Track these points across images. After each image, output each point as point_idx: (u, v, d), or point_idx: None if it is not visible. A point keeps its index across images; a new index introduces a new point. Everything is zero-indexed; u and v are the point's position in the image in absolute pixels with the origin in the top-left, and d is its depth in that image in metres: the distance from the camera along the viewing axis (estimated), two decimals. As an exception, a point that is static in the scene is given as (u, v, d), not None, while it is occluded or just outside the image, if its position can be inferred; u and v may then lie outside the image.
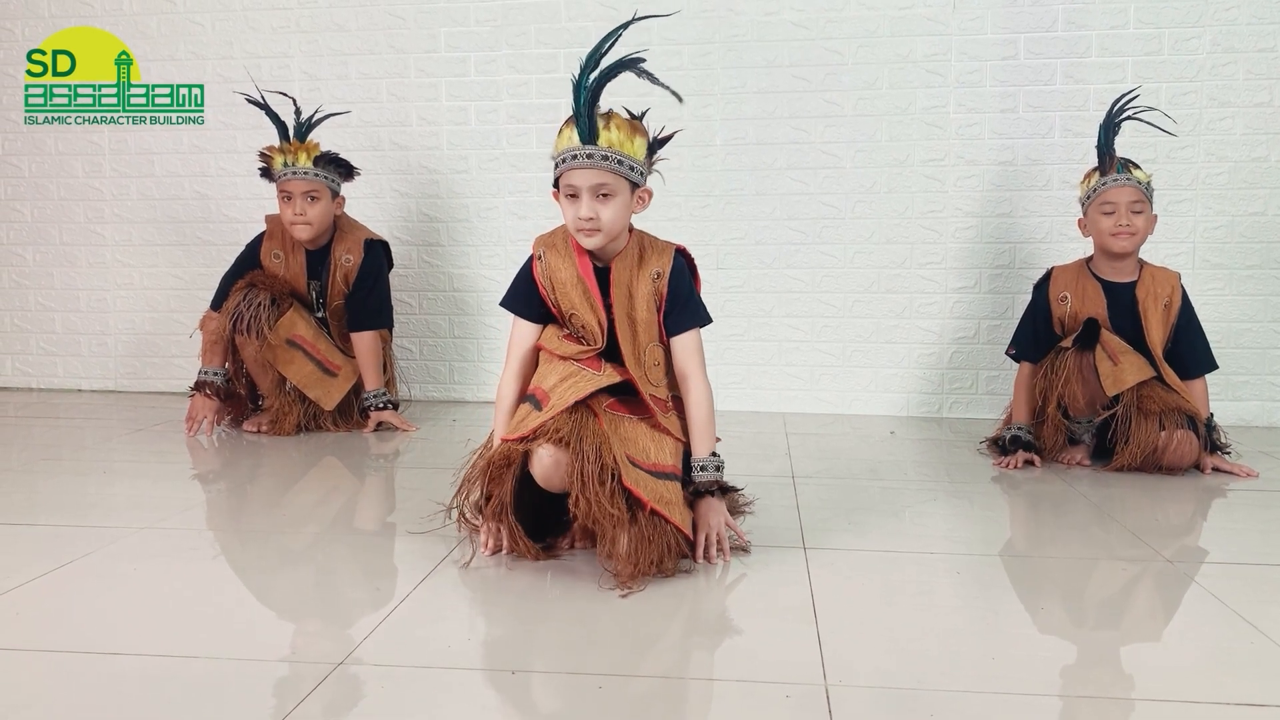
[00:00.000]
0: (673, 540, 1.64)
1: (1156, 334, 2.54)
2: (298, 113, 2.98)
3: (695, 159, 3.30)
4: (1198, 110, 3.10)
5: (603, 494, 1.57)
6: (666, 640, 1.42)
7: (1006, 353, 2.79)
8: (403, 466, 2.61)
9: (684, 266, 1.84)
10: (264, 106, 2.97)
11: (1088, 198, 2.63)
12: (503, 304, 1.88)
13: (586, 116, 1.69)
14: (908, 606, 1.56)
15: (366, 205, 3.42)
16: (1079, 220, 2.69)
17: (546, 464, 1.62)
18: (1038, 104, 3.19)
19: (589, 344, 1.77)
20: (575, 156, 1.69)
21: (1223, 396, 2.73)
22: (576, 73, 1.69)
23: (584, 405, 1.67)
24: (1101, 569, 1.76)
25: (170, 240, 3.65)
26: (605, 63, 1.71)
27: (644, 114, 1.78)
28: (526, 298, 1.84)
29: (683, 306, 1.81)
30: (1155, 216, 2.60)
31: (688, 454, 1.79)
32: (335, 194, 2.98)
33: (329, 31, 3.49)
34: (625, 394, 1.75)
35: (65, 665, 1.30)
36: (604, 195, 1.70)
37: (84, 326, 3.73)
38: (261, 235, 3.04)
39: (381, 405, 3.00)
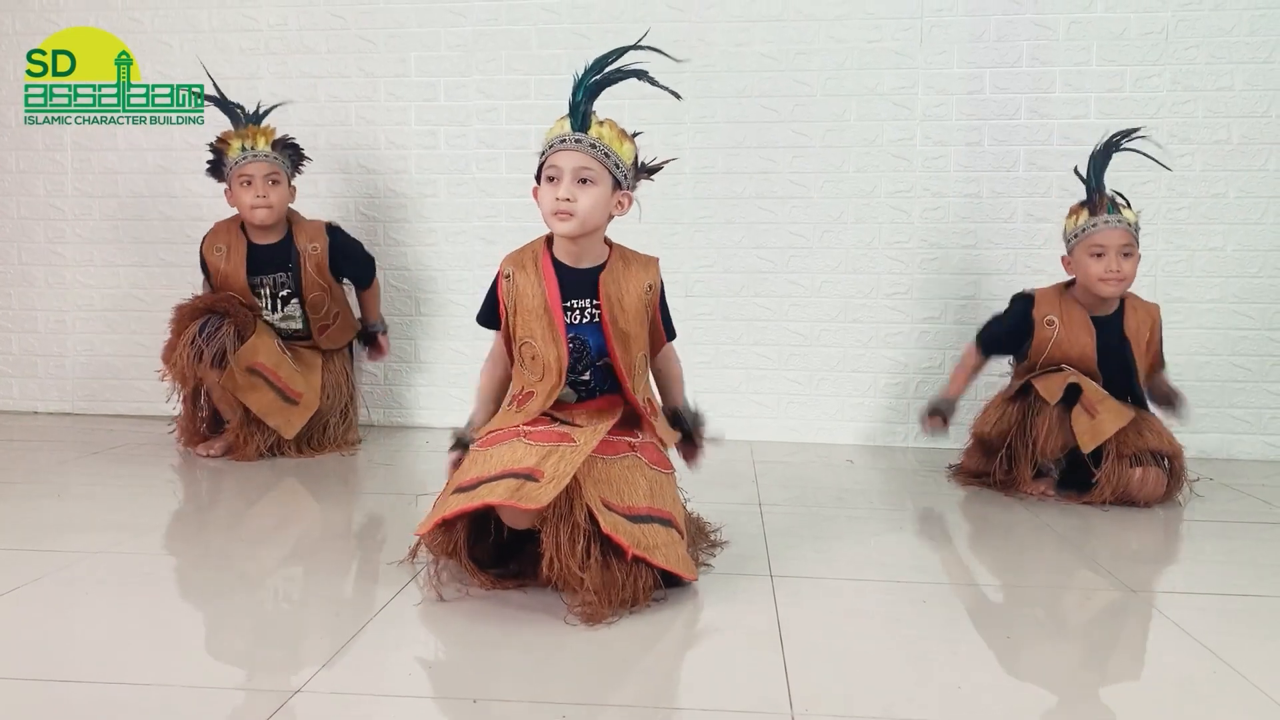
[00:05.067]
0: (649, 581, 1.61)
1: (1143, 368, 2.56)
2: (243, 109, 3.01)
3: (664, 187, 3.30)
4: (1158, 147, 3.15)
5: (573, 558, 1.52)
6: (632, 669, 1.40)
7: (976, 340, 2.73)
8: (365, 492, 2.57)
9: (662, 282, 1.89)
10: (218, 100, 3.00)
11: (1075, 236, 2.53)
12: (478, 319, 1.91)
13: (582, 109, 1.76)
14: (874, 634, 1.56)
15: (333, 228, 3.39)
16: (1063, 259, 2.60)
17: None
18: (1002, 138, 3.23)
19: (536, 376, 1.77)
20: (564, 141, 1.75)
21: (1183, 429, 2.75)
22: (580, 73, 1.79)
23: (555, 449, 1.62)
24: (1066, 598, 1.77)
25: (132, 261, 3.59)
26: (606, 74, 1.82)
27: (635, 135, 1.84)
28: (496, 314, 1.86)
29: (667, 320, 1.91)
30: (1140, 256, 2.54)
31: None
32: (289, 181, 3.01)
33: (298, 54, 3.47)
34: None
35: (15, 693, 1.26)
36: (585, 181, 1.73)
37: (41, 348, 3.66)
38: (204, 238, 3.05)
39: (383, 331, 3.26)
